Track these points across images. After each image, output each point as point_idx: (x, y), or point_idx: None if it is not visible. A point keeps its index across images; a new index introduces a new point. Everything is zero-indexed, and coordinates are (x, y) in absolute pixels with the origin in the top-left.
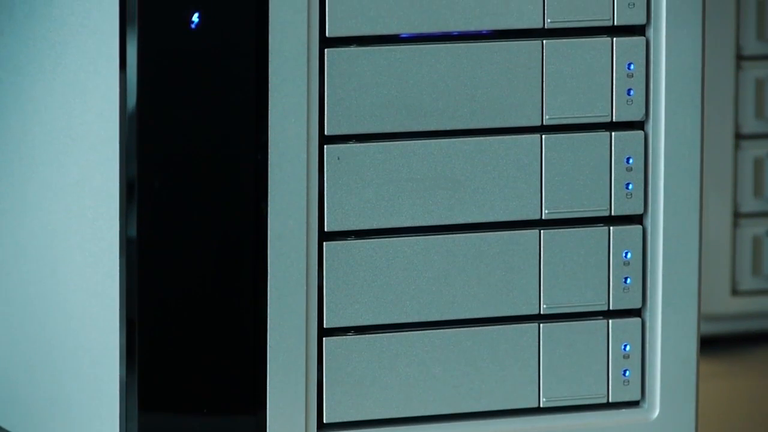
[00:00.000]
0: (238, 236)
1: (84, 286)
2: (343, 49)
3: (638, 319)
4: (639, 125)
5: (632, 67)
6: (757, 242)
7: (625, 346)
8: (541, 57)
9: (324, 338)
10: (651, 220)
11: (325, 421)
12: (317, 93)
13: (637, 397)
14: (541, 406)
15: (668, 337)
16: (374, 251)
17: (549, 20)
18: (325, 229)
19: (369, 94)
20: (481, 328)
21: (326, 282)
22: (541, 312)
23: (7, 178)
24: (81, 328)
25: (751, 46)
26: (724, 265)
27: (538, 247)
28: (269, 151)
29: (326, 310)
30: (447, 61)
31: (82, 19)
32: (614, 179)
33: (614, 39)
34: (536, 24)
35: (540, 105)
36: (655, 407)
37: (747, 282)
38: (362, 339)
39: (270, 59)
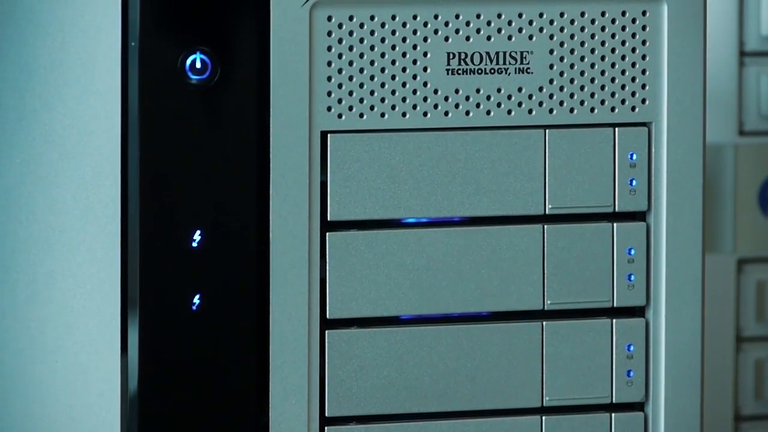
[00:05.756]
0: None
1: None
2: (343, 330)
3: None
4: (639, 406)
5: (632, 348)
6: None
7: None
8: (541, 338)
9: None
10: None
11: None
12: (318, 374)
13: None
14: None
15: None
16: None
17: (549, 302)
18: None
19: (369, 376)
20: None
21: None
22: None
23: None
24: None
25: (751, 328)
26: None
27: None
28: None
29: None
30: (447, 342)
31: (84, 301)
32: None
33: (614, 320)
34: (536, 306)
35: (540, 386)
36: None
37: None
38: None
39: (271, 340)
